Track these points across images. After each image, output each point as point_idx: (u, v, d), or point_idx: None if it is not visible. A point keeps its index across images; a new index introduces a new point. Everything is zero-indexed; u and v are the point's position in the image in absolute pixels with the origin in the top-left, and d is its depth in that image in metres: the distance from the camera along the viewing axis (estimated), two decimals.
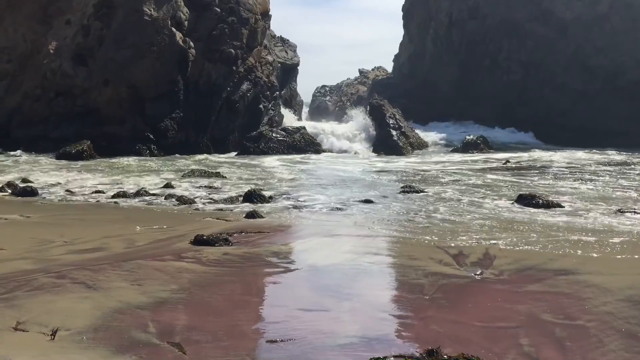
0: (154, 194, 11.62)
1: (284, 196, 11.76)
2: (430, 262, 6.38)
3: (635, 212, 9.46)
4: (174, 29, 23.49)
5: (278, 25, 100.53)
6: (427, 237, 7.76)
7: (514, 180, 14.80)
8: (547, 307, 4.82)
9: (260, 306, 4.86)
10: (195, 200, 10.96)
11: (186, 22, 24.09)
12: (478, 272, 5.95)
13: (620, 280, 5.59)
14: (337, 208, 10.35)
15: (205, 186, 12.96)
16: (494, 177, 15.58)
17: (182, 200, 10.69)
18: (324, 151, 24.24)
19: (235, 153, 23.24)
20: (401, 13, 43.52)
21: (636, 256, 6.73)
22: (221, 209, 10.17)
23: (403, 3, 43.28)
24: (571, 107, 31.68)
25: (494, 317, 4.61)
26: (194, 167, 16.65)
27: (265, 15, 27.80)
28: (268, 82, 27.14)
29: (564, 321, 4.49)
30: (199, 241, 6.99)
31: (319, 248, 7.31)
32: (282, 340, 3.99)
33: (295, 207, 10.50)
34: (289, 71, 34.72)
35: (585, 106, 31.48)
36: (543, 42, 33.66)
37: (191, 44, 23.81)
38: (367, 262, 6.37)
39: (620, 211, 9.70)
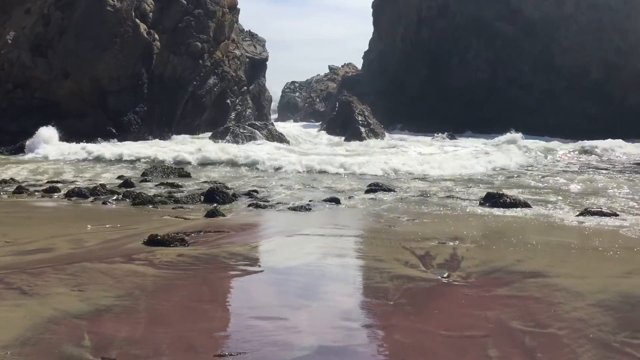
0: (111, 191, 11.10)
1: (250, 193, 11.38)
2: (396, 264, 6.10)
3: (601, 212, 9.36)
4: (138, 21, 22.83)
5: (247, 20, 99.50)
6: (394, 237, 7.49)
7: (479, 178, 14.69)
8: (517, 314, 4.57)
9: (212, 315, 4.50)
10: (155, 197, 10.49)
11: (151, 14, 23.44)
12: (445, 275, 5.69)
13: (590, 284, 5.40)
14: (302, 206, 10.00)
15: (166, 183, 12.48)
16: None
17: (140, 197, 10.21)
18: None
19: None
20: (371, 10, 43.40)
21: (605, 256, 6.58)
22: (181, 207, 9.75)
23: (373, 0, 43.15)
24: (538, 106, 31.97)
25: (461, 325, 4.35)
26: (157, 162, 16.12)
27: (233, 9, 27.30)
28: (236, 77, 26.67)
29: (535, 329, 4.25)
30: (153, 241, 6.59)
31: (280, 249, 6.98)
32: (231, 355, 3.64)
33: (259, 205, 10.13)
34: (258, 66, 34.24)
35: (552, 105, 31.81)
36: (511, 41, 33.91)
37: (156, 36, 23.18)
38: (330, 264, 6.07)
39: (587, 210, 9.58)
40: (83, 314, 4.25)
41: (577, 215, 9.27)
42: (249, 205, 10.15)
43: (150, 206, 9.72)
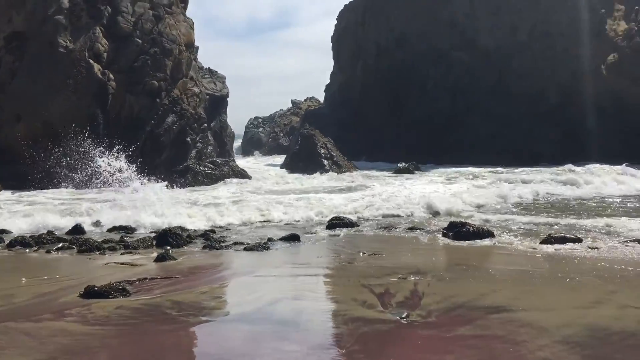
0: (58, 238, 10.50)
1: (206, 234, 10.91)
2: (353, 305, 5.72)
3: (565, 237, 9.17)
4: (91, 61, 22.36)
5: (207, 57, 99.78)
6: (353, 275, 7.12)
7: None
8: (479, 356, 4.22)
9: None
10: (104, 243, 9.92)
11: (105, 54, 23.00)
12: (404, 315, 5.32)
13: (555, 317, 5.09)
14: (259, 245, 9.57)
15: (119, 227, 11.91)
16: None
17: (87, 244, 9.63)
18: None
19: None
20: (330, 44, 43.82)
21: (571, 285, 6.32)
22: (130, 252, 9.22)
23: (332, 34, 43.62)
24: (498, 132, 32.33)
25: None
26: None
27: (191, 46, 27.03)
28: (195, 114, 26.24)
29: None
30: (90, 293, 6.07)
31: (229, 293, 6.54)
32: None
33: (214, 246, 9.67)
34: (219, 103, 33.99)
35: (511, 130, 32.21)
36: (468, 69, 34.46)
37: (111, 76, 22.71)
38: (281, 309, 5.65)
39: (550, 236, 9.37)
40: None
41: (541, 243, 9.06)
42: (204, 247, 9.68)
43: (98, 253, 9.16)
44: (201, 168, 23.02)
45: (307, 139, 27.85)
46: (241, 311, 5.65)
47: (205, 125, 27.62)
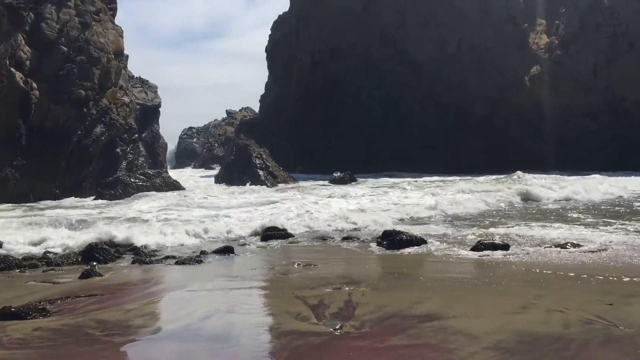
0: None
1: (135, 248, 10.52)
2: (286, 318, 5.63)
3: (494, 244, 9.41)
4: (13, 69, 21.32)
5: (137, 67, 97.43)
6: (287, 286, 7.03)
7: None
8: None
9: None
10: (24, 260, 9.39)
11: (28, 62, 21.99)
12: (337, 327, 5.27)
13: (485, 323, 5.17)
14: (192, 259, 9.32)
15: (38, 242, 11.30)
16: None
17: (5, 261, 9.07)
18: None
19: (92, 199, 21.28)
20: (265, 54, 43.72)
21: (499, 291, 6.46)
22: (53, 269, 8.76)
23: (266, 44, 43.55)
24: (429, 142, 33.13)
25: None
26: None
27: (120, 55, 26.29)
28: (125, 125, 25.50)
29: None
30: (6, 314, 5.69)
31: (159, 310, 6.30)
32: None
33: (144, 261, 9.33)
34: (150, 113, 33.21)
35: (442, 140, 33.09)
36: (400, 81, 35.16)
37: (34, 85, 21.71)
38: (213, 325, 5.47)
39: (480, 243, 9.59)
40: None
41: (471, 250, 9.26)
42: (134, 262, 9.34)
43: (17, 271, 8.66)
44: (132, 180, 22.31)
45: (242, 149, 27.57)
46: (170, 328, 5.44)
47: (136, 135, 26.89)
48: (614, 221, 12.40)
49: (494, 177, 24.61)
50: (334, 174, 26.92)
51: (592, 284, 6.71)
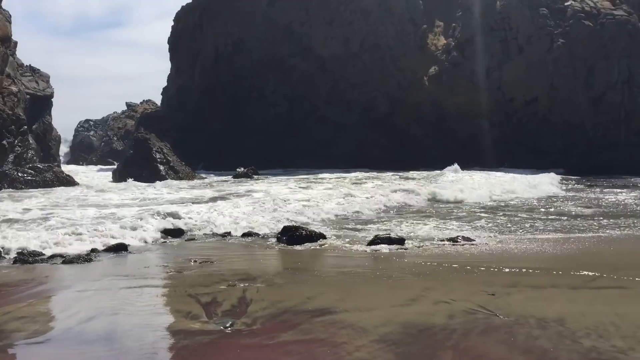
0: None
1: (23, 246, 9.80)
2: (176, 317, 5.46)
3: (390, 238, 9.64)
4: None
5: (28, 55, 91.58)
6: (181, 284, 6.82)
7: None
8: None
9: None
10: None
11: None
12: (228, 325, 5.17)
13: (376, 316, 5.27)
14: (80, 257, 8.84)
15: None
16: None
17: None
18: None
19: None
20: (167, 45, 42.43)
21: (392, 284, 6.61)
22: None
23: (169, 36, 42.26)
24: (333, 138, 33.58)
25: None
26: None
27: (7, 41, 24.58)
28: (12, 115, 23.87)
29: None
30: None
31: (38, 313, 5.89)
32: None
33: (27, 260, 8.73)
34: (42, 103, 31.33)
35: (346, 137, 33.65)
36: (305, 76, 35.35)
37: None
38: (96, 327, 5.19)
39: (377, 237, 9.80)
40: None
41: (368, 244, 9.43)
42: (15, 262, 8.70)
43: None
44: (19, 174, 20.90)
45: (142, 143, 26.56)
46: (48, 332, 5.10)
47: (25, 127, 25.24)
48: (503, 218, 13.11)
49: (400, 173, 25.31)
50: (237, 169, 26.65)
51: (477, 275, 7.03)
